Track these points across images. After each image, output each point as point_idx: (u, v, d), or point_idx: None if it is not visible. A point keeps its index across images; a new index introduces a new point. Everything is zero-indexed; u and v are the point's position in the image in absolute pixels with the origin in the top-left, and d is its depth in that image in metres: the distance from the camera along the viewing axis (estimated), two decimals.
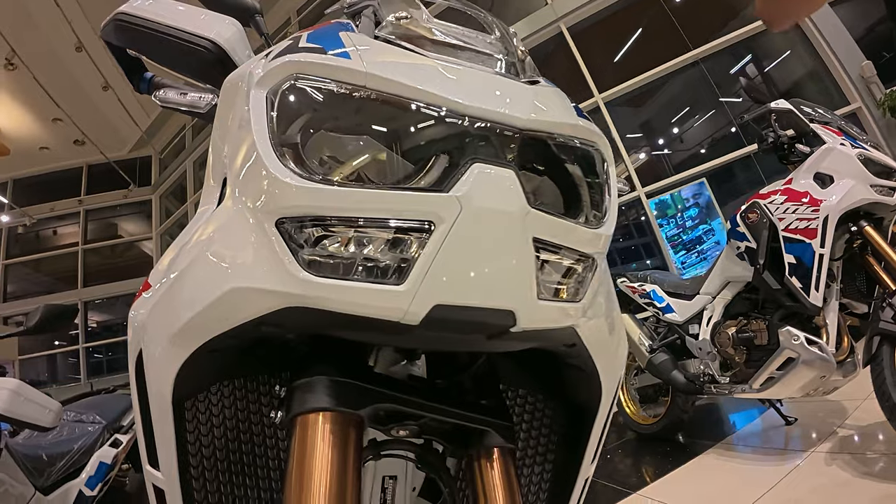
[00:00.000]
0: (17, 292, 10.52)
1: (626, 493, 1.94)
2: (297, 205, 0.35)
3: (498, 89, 0.41)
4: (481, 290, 0.36)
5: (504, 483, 0.46)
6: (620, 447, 2.57)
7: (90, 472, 1.57)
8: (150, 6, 0.60)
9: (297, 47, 0.41)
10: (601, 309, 0.48)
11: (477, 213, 0.35)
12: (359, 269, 0.35)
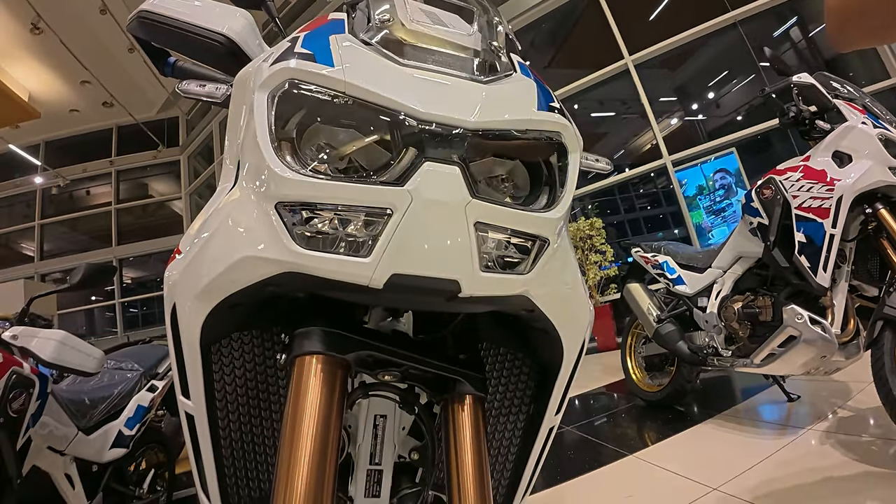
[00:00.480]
0: (53, 251, 11.07)
1: (623, 454, 2.03)
2: (289, 193, 0.43)
3: (452, 94, 0.46)
4: (429, 263, 0.44)
5: (472, 425, 0.55)
6: (625, 412, 2.65)
7: (129, 414, 1.73)
8: (168, 3, 0.66)
9: (294, 51, 0.47)
10: (556, 280, 0.55)
11: (424, 203, 0.43)
12: (339, 244, 0.44)
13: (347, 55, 0.46)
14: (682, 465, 1.78)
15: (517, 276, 0.49)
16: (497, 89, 0.49)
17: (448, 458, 0.55)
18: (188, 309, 0.50)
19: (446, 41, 0.51)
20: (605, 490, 1.81)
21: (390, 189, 0.42)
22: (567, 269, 0.59)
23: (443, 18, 0.60)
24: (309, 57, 0.46)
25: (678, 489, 1.63)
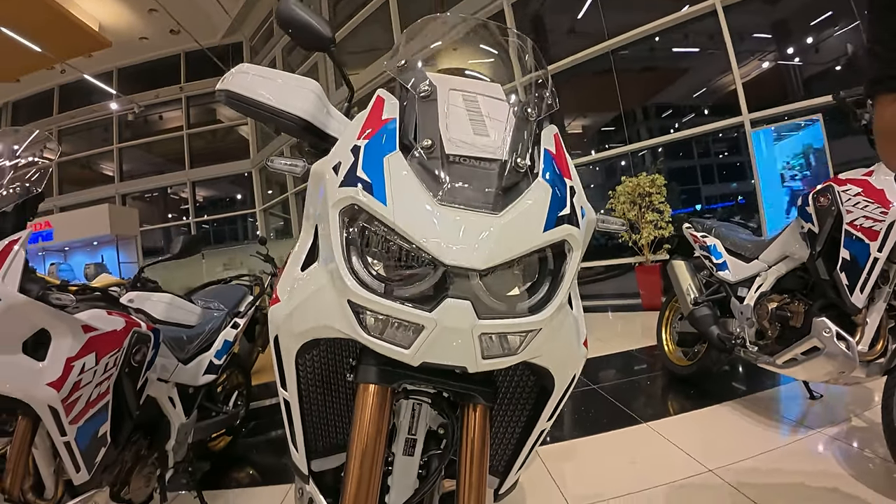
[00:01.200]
0: (132, 171, 12.05)
1: (637, 421, 2.19)
2: (354, 297, 0.61)
3: (470, 240, 0.59)
4: (447, 357, 0.63)
5: (479, 428, 0.74)
6: (651, 379, 2.79)
7: (217, 347, 2.08)
8: (242, 82, 0.79)
9: (356, 175, 0.63)
10: (550, 343, 0.71)
11: (443, 327, 0.60)
12: (390, 333, 0.62)
13: (397, 191, 0.60)
14: (689, 442, 1.91)
15: (513, 357, 0.65)
16: (509, 222, 0.61)
17: (460, 449, 0.74)
18: (287, 341, 0.73)
19: (478, 158, 0.65)
20: (612, 453, 1.98)
21: (423, 315, 0.59)
22: (563, 327, 0.74)
23: (484, 91, 0.73)
24: (368, 186, 0.61)
25: (677, 464, 1.77)
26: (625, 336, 3.96)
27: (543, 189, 0.65)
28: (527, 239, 0.60)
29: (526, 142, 0.70)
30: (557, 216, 0.63)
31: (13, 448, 1.12)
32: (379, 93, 0.77)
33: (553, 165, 0.70)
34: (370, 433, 0.68)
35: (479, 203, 0.61)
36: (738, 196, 5.93)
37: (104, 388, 1.30)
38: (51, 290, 1.08)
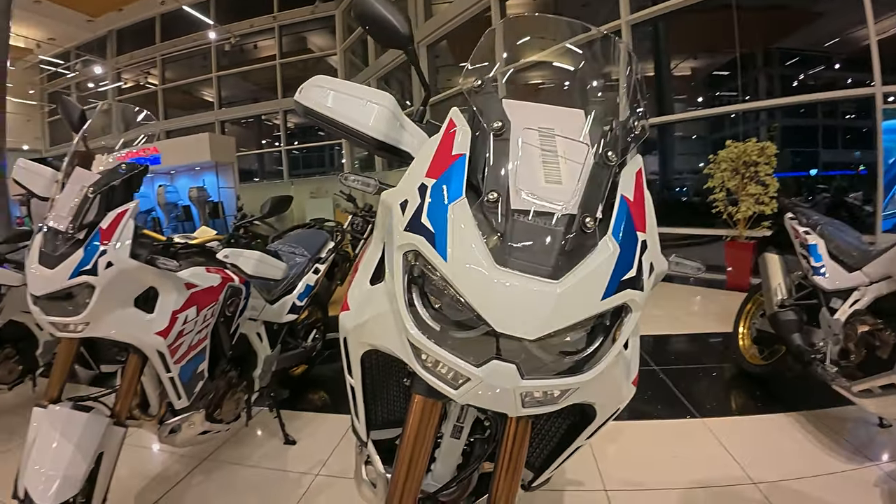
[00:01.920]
0: (230, 98, 12.79)
1: (693, 415, 2.14)
2: (411, 339, 0.63)
3: (524, 312, 0.57)
4: (489, 404, 0.65)
5: (519, 439, 0.78)
6: (718, 371, 2.65)
7: (300, 290, 2.31)
8: (316, 97, 0.79)
9: (420, 222, 0.62)
10: (596, 387, 0.71)
11: (487, 384, 0.60)
12: (442, 371, 0.64)
13: (458, 247, 0.59)
14: (740, 448, 1.85)
15: (554, 406, 0.65)
16: (567, 291, 0.57)
17: (498, 454, 0.79)
18: (354, 346, 0.81)
19: (545, 213, 0.61)
20: (657, 442, 1.97)
21: (471, 369, 0.60)
22: (611, 372, 0.72)
23: (564, 124, 0.68)
24: (430, 237, 0.61)
25: (720, 468, 1.74)
26: (701, 316, 3.74)
27: (610, 251, 0.61)
28: (584, 308, 0.58)
29: (600, 192, 0.65)
30: (620, 280, 0.60)
31: (124, 377, 1.37)
32: (452, 115, 0.74)
33: (628, 218, 0.64)
34: (417, 439, 0.74)
35: (539, 267, 0.58)
36: (858, 165, 5.08)
37: (203, 334, 1.52)
38: (157, 256, 1.25)
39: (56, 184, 1.23)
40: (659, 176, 7.02)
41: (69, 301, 1.18)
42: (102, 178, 1.22)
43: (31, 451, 1.14)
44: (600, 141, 0.68)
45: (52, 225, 1.16)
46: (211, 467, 1.96)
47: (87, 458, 1.16)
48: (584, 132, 0.69)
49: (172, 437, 1.60)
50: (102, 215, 1.20)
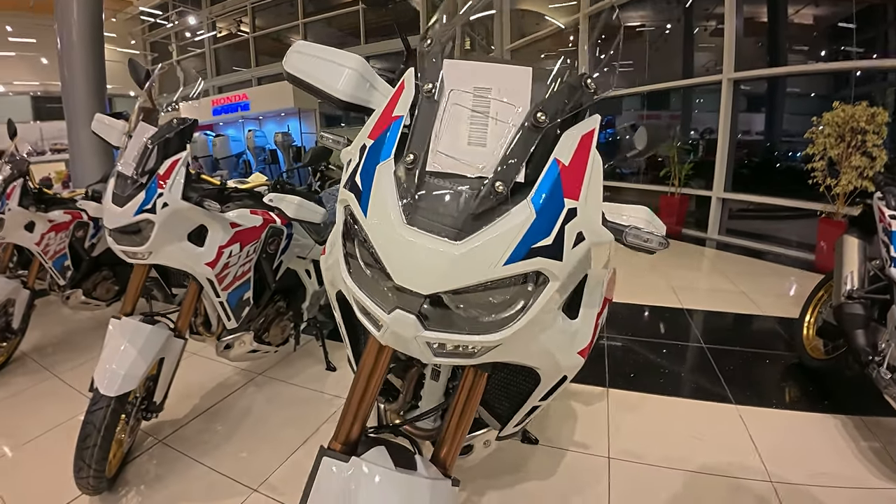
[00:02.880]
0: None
1: (728, 401, 2.05)
2: (344, 283, 0.70)
3: (423, 266, 0.59)
4: (405, 349, 0.68)
5: (470, 387, 0.87)
6: (772, 358, 2.46)
7: None
8: (295, 62, 0.83)
9: (355, 181, 0.67)
10: (528, 352, 0.76)
11: (392, 332, 0.64)
12: (371, 317, 0.68)
13: (376, 205, 0.63)
14: (768, 443, 1.76)
15: (470, 359, 0.69)
16: (464, 254, 0.58)
17: (454, 399, 0.88)
18: (328, 286, 0.89)
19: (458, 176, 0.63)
20: (682, 421, 1.91)
21: (382, 315, 0.64)
22: (547, 339, 0.77)
23: (504, 84, 0.67)
24: (358, 194, 0.65)
25: (739, 459, 1.66)
26: (774, 297, 3.41)
27: (524, 216, 0.60)
28: (482, 271, 0.59)
29: (525, 156, 0.63)
30: (531, 247, 0.60)
31: (185, 298, 1.64)
32: (405, 77, 0.74)
33: (556, 183, 0.63)
34: (364, 374, 0.82)
35: (444, 228, 0.60)
36: None
37: (246, 267, 1.73)
38: (205, 198, 1.43)
39: (125, 136, 1.44)
40: (764, 136, 6.23)
41: (137, 234, 1.42)
42: (159, 131, 1.40)
43: (103, 353, 1.43)
44: (538, 100, 0.65)
45: (121, 170, 1.38)
46: (262, 382, 2.29)
47: (147, 361, 1.43)
48: (524, 92, 0.66)
49: (227, 352, 1.89)
50: (160, 163, 1.39)
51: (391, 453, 0.77)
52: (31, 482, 1.63)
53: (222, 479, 1.62)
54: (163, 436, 1.86)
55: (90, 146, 4.49)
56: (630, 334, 2.81)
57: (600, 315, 0.94)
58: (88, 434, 1.36)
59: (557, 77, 0.68)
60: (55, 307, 3.52)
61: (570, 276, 0.67)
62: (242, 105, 10.87)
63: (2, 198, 2.20)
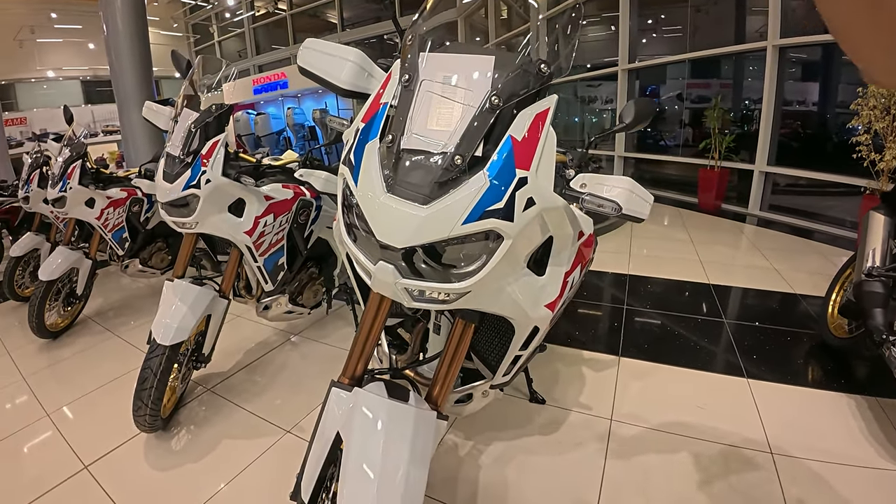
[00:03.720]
0: (352, 19, 13.05)
1: (740, 373, 2.06)
2: (345, 250, 0.85)
3: (398, 225, 0.72)
4: (390, 294, 0.82)
5: (458, 336, 1.00)
6: (793, 337, 2.41)
7: None
8: (306, 58, 0.98)
9: (349, 157, 0.81)
10: (497, 302, 0.88)
11: (377, 279, 0.78)
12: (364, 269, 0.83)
13: (364, 178, 0.77)
14: (775, 417, 1.76)
15: (445, 305, 0.82)
16: (430, 215, 0.72)
17: (447, 345, 1.02)
18: (339, 247, 1.03)
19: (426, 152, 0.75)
20: (690, 390, 1.95)
21: (369, 265, 0.79)
22: (514, 291, 0.89)
23: (468, 71, 0.78)
24: (352, 169, 0.79)
25: (742, 430, 1.69)
26: (808, 274, 3.30)
27: (478, 184, 0.73)
28: (444, 229, 0.72)
29: (481, 133, 0.74)
30: (485, 210, 0.72)
31: (228, 264, 1.85)
32: (393, 67, 0.88)
33: (509, 156, 0.74)
34: (367, 322, 0.97)
35: (416, 195, 0.73)
36: None
37: (280, 236, 1.91)
38: (242, 174, 1.60)
39: (171, 121, 1.62)
40: (815, 108, 5.83)
41: (185, 207, 1.61)
42: (200, 116, 1.57)
43: (159, 310, 1.65)
44: (495, 86, 0.76)
45: (170, 151, 1.57)
46: (297, 341, 2.53)
47: (196, 316, 1.64)
48: (485, 78, 0.77)
49: (265, 313, 2.11)
50: (203, 144, 1.57)
51: (388, 388, 0.92)
52: (95, 424, 1.91)
53: (260, 421, 1.85)
54: (211, 385, 2.12)
55: (141, 128, 4.77)
56: (649, 307, 2.84)
57: (569, 274, 1.04)
58: (146, 378, 1.59)
59: (514, 63, 0.78)
60: (115, 277, 3.92)
61: (526, 235, 0.79)
62: (281, 83, 11.14)
63: (63, 177, 2.47)
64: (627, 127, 1.04)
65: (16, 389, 2.24)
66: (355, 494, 0.78)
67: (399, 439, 0.84)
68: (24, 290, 3.42)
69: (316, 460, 0.89)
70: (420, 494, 0.83)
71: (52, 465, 1.68)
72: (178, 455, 1.69)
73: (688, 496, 1.41)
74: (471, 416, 1.82)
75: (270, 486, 1.52)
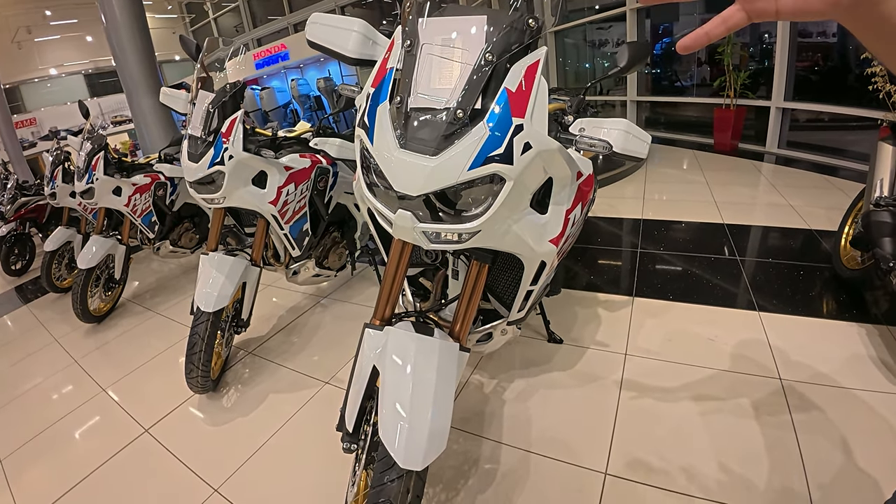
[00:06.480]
0: None
1: (752, 307, 2.10)
2: (367, 202, 0.95)
3: (412, 176, 0.81)
4: (410, 238, 0.92)
5: (475, 276, 1.10)
6: (805, 271, 2.42)
7: None
8: (314, 31, 1.05)
9: (363, 120, 0.89)
10: (504, 239, 0.97)
11: (397, 226, 0.88)
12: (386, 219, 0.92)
13: (379, 137, 0.85)
14: (785, 346, 1.81)
15: (460, 244, 0.91)
16: (439, 164, 0.80)
17: (464, 285, 1.12)
18: (361, 203, 1.09)
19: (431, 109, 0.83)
20: (702, 324, 2.02)
21: (389, 214, 0.88)
22: (519, 229, 0.98)
23: (463, 31, 0.85)
24: (367, 130, 0.88)
25: (751, 359, 1.75)
26: (825, 209, 3.25)
27: (479, 133, 0.81)
28: (452, 176, 0.81)
29: (479, 88, 0.81)
30: (487, 156, 0.80)
31: (256, 234, 1.98)
32: (395, 34, 0.94)
33: (505, 106, 0.82)
34: (392, 266, 1.07)
35: (425, 147, 0.81)
36: None
37: (302, 203, 2.02)
38: (262, 148, 1.69)
39: (189, 104, 1.70)
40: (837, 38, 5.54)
41: (212, 184, 1.72)
42: (216, 96, 1.65)
43: (198, 281, 1.79)
44: (488, 43, 0.82)
45: (191, 133, 1.66)
46: (327, 303, 2.69)
47: (233, 283, 1.78)
48: (479, 37, 0.83)
49: (295, 278, 2.25)
50: (222, 122, 1.65)
51: (415, 326, 1.03)
52: (150, 394, 2.11)
53: (301, 376, 2.02)
54: (251, 348, 2.30)
55: (152, 114, 4.83)
56: (662, 249, 2.90)
57: (570, 212, 1.12)
58: (195, 343, 1.75)
59: (505, 21, 0.84)
60: (147, 260, 4.13)
61: (526, 177, 0.87)
62: (282, 55, 11.00)
63: (89, 170, 2.60)
64: (622, 70, 1.08)
65: (71, 372, 2.45)
66: (393, 415, 0.90)
67: (427, 368, 0.95)
68: (62, 282, 3.66)
69: (356, 394, 1.02)
70: (448, 412, 0.95)
71: (114, 432, 1.88)
72: (229, 411, 1.87)
73: (697, 421, 1.52)
74: (494, 357, 1.96)
75: (316, 428, 1.69)
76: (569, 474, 1.38)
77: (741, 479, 1.29)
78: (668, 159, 5.35)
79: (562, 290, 2.45)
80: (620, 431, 1.51)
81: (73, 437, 1.92)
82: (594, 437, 1.50)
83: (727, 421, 1.50)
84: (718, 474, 1.31)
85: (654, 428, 1.50)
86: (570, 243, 1.30)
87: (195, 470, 1.60)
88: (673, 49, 7.23)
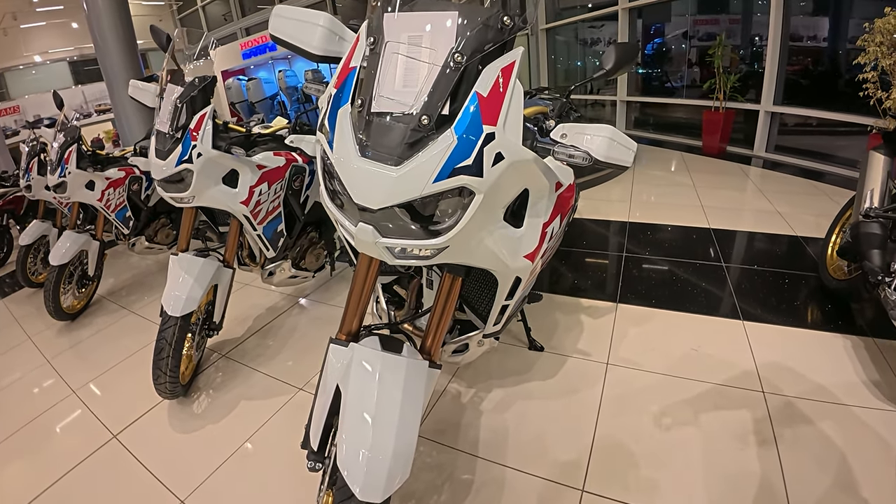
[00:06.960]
0: None
1: (736, 317, 2.08)
2: (327, 212, 0.87)
3: (373, 187, 0.74)
4: (373, 253, 0.86)
5: (447, 290, 1.05)
6: (790, 279, 2.40)
7: None
8: (277, 25, 0.95)
9: (325, 123, 0.82)
10: (477, 255, 0.92)
11: (358, 239, 0.81)
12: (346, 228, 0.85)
13: (338, 142, 0.78)
14: (769, 358, 1.78)
15: (426, 261, 0.85)
16: (401, 176, 0.73)
17: (436, 298, 1.06)
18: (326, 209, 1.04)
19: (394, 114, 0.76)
20: (684, 333, 1.99)
21: (350, 226, 0.81)
22: (492, 244, 0.92)
23: (431, 27, 0.77)
24: (326, 134, 0.82)
25: (735, 372, 1.72)
26: (812, 216, 3.25)
27: (446, 142, 0.73)
28: (415, 188, 0.74)
29: (446, 92, 0.74)
30: (454, 167, 0.73)
31: (229, 234, 1.90)
32: (360, 31, 0.86)
33: (475, 113, 0.74)
34: (359, 281, 1.01)
35: (387, 157, 0.74)
36: None
37: (276, 203, 1.95)
38: (232, 146, 1.62)
39: (157, 97, 1.61)
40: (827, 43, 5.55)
41: (180, 182, 1.64)
42: (184, 91, 1.56)
43: (167, 283, 1.72)
44: (458, 41, 0.75)
45: (159, 128, 1.57)
46: (305, 304, 2.62)
47: (202, 286, 1.71)
48: (449, 35, 0.75)
49: (271, 279, 2.18)
50: (190, 118, 1.57)
51: (382, 342, 0.97)
52: (120, 397, 2.03)
53: (274, 381, 1.95)
54: (225, 351, 2.22)
55: (133, 105, 4.71)
56: (648, 253, 2.87)
57: (548, 224, 1.06)
58: (162, 348, 1.68)
59: (477, 18, 0.76)
60: (123, 257, 4.01)
61: (498, 189, 0.81)
62: (270, 46, 10.76)
63: (61, 163, 2.49)
64: (608, 73, 1.03)
65: (41, 372, 2.35)
66: (354, 440, 0.85)
67: (393, 388, 0.90)
68: (37, 277, 3.53)
69: (321, 411, 0.96)
70: (413, 437, 0.89)
71: (83, 437, 1.80)
72: (199, 418, 1.80)
73: (677, 436, 1.48)
74: (472, 365, 1.91)
75: (288, 439, 1.63)
76: (545, 490, 1.33)
77: (721, 497, 1.26)
78: (656, 161, 5.34)
79: (544, 297, 2.41)
80: (599, 446, 1.47)
81: (39, 443, 1.83)
82: (572, 451, 1.46)
83: (708, 437, 1.46)
84: (698, 492, 1.28)
85: (634, 443, 1.47)
86: (549, 255, 1.25)
87: (162, 479, 1.53)
88: (664, 49, 7.22)
